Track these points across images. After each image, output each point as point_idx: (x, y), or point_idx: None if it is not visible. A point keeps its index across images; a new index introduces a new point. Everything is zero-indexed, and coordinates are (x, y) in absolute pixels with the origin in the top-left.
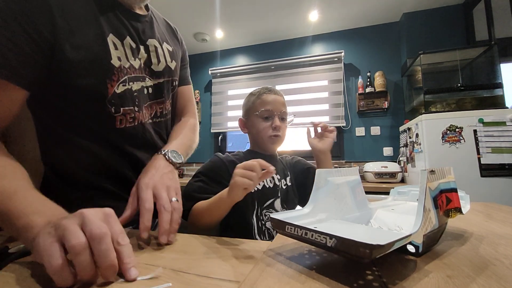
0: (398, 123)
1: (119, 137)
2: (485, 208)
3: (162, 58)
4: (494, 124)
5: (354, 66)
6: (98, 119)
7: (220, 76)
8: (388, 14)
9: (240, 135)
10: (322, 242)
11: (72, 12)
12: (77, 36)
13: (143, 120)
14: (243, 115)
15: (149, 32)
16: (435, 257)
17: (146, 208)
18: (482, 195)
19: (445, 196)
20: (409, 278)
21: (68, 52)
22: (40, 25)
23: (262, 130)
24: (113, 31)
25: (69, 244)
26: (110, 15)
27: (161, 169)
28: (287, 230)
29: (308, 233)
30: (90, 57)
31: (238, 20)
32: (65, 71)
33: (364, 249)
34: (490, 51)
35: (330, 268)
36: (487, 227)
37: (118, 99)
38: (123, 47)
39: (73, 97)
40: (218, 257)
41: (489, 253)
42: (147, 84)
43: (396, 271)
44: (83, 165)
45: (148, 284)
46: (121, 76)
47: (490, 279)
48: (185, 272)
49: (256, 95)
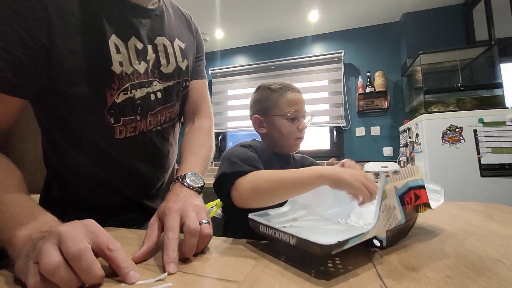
0: (398, 123)
1: (117, 148)
2: (486, 209)
3: (172, 58)
4: (494, 124)
5: (354, 66)
6: (96, 129)
7: (220, 76)
8: (388, 14)
9: (240, 135)
10: (286, 241)
11: (70, 12)
12: (74, 40)
13: (145, 129)
14: (259, 112)
15: (159, 29)
16: (435, 257)
17: (170, 238)
18: (482, 195)
19: (414, 193)
20: (409, 279)
21: (65, 58)
22: (35, 29)
23: (289, 133)
24: (116, 31)
25: (41, 266)
26: (113, 13)
27: (182, 194)
28: (261, 229)
29: (276, 232)
30: (88, 63)
31: (238, 20)
32: (63, 78)
33: (316, 248)
34: (490, 51)
35: (329, 269)
36: (487, 227)
37: (118, 109)
38: (127, 49)
39: (72, 106)
40: (218, 257)
41: (489, 254)
42: (155, 89)
43: (396, 270)
44: (80, 176)
45: (148, 284)
46: (122, 83)
47: (491, 280)
48: (185, 272)
49: (278, 92)
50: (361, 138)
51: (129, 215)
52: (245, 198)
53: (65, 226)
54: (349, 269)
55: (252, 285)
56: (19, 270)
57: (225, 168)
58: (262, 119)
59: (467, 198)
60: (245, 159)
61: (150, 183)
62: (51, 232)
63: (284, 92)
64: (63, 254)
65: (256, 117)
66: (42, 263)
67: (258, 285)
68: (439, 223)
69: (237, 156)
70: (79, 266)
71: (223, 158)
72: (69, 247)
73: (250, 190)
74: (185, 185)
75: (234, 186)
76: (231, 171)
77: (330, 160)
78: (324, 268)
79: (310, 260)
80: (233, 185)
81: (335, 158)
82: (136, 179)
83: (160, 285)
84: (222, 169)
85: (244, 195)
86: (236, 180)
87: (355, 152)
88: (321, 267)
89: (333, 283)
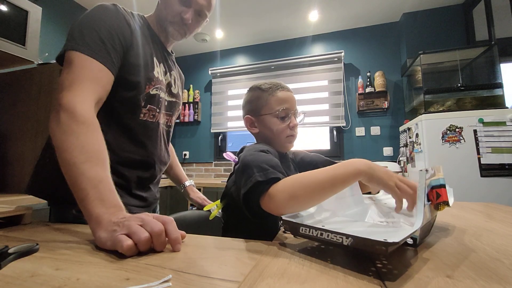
0: (398, 123)
1: (137, 127)
2: (485, 208)
3: (177, 86)
4: (494, 124)
5: (354, 66)
6: (128, 106)
7: (220, 76)
8: (388, 14)
9: (241, 135)
10: (338, 242)
11: (141, 37)
12: (138, 50)
13: (160, 121)
14: (250, 113)
15: (172, 67)
16: (435, 257)
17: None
18: (482, 195)
19: (435, 192)
20: (409, 279)
21: (132, 57)
22: (124, 37)
23: (279, 131)
24: (156, 55)
25: (138, 237)
26: (157, 47)
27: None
28: (301, 231)
29: (324, 233)
30: (143, 64)
31: (238, 20)
32: (126, 68)
33: (380, 246)
34: (490, 51)
35: (329, 269)
36: (487, 227)
37: (149, 97)
38: (159, 68)
39: (118, 88)
40: (218, 257)
41: (489, 254)
42: (167, 98)
43: (397, 269)
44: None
45: (151, 285)
46: (156, 83)
47: (491, 279)
48: (185, 272)
49: (268, 91)
50: (361, 138)
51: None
52: (282, 207)
53: (142, 214)
54: (349, 269)
55: (252, 285)
56: (106, 239)
57: (259, 176)
58: (254, 119)
59: (467, 198)
60: (275, 166)
61: (153, 174)
62: (132, 217)
63: (274, 91)
64: (147, 231)
65: (247, 117)
66: (139, 236)
67: (258, 285)
68: (439, 223)
69: (266, 162)
70: (158, 239)
71: (247, 164)
72: (153, 227)
73: (287, 198)
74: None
75: (268, 194)
76: (265, 179)
77: None
78: (324, 268)
79: (310, 260)
80: (265, 193)
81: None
82: (143, 163)
83: (160, 285)
84: (254, 177)
85: (281, 203)
86: (269, 188)
87: (355, 152)
88: (321, 267)
89: (333, 283)
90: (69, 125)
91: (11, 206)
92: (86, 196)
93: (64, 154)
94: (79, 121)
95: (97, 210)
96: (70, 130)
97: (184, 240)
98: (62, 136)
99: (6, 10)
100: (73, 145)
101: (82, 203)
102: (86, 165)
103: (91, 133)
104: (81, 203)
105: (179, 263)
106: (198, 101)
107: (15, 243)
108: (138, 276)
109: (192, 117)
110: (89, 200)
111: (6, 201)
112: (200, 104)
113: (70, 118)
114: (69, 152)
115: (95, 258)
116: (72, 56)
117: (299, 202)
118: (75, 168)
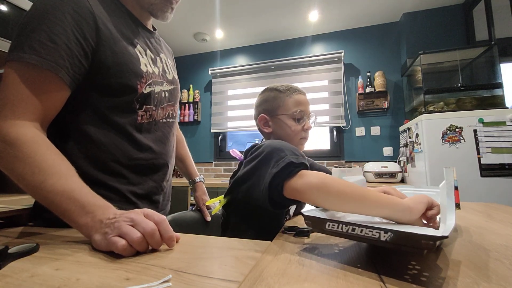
0: (398, 123)
1: (137, 131)
2: (485, 208)
3: (170, 70)
4: (494, 124)
5: (354, 66)
6: (122, 113)
7: (220, 76)
8: (388, 14)
9: (241, 135)
10: (374, 237)
11: (112, 23)
12: (116, 44)
13: (157, 118)
14: (265, 112)
15: (159, 48)
16: (435, 257)
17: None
18: (482, 195)
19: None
20: (409, 279)
21: (108, 56)
22: (86, 31)
23: (295, 132)
24: (139, 43)
25: (130, 238)
26: (135, 30)
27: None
28: (328, 227)
29: (357, 228)
30: (126, 61)
31: (238, 20)
32: (104, 72)
33: (428, 241)
34: (490, 51)
35: (329, 269)
36: (487, 227)
37: (143, 98)
38: (146, 56)
39: (106, 95)
40: (218, 257)
41: (489, 254)
42: (165, 88)
43: (397, 270)
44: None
45: (151, 285)
46: (148, 79)
47: (491, 279)
48: (185, 272)
49: (286, 92)
50: (361, 138)
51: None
52: (308, 188)
53: (131, 213)
54: (349, 269)
55: (252, 285)
56: (100, 241)
57: (292, 158)
58: (268, 119)
59: (467, 198)
60: (304, 156)
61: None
62: (122, 217)
63: (291, 93)
64: (140, 231)
65: (262, 116)
66: (131, 236)
67: (258, 285)
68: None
69: (297, 150)
70: (152, 239)
71: (277, 148)
72: (145, 228)
73: (318, 184)
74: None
75: (300, 174)
76: (298, 162)
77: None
78: (324, 268)
79: (310, 260)
80: (295, 174)
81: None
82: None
83: (160, 285)
84: (287, 157)
85: (310, 185)
86: (300, 171)
87: (355, 152)
88: (321, 267)
89: (333, 283)
90: (8, 153)
91: (11, 206)
92: (65, 210)
93: (20, 181)
94: (16, 145)
95: (82, 219)
96: (12, 157)
97: (179, 241)
98: (7, 166)
99: (6, 10)
100: (24, 170)
101: (65, 217)
102: (47, 183)
103: (35, 151)
104: (64, 218)
105: (179, 263)
106: (198, 101)
107: (15, 243)
108: (138, 276)
109: (192, 117)
110: (70, 212)
111: (6, 201)
112: (200, 104)
113: (7, 145)
114: (24, 178)
115: (95, 258)
116: (9, 69)
117: (328, 194)
118: (40, 190)
